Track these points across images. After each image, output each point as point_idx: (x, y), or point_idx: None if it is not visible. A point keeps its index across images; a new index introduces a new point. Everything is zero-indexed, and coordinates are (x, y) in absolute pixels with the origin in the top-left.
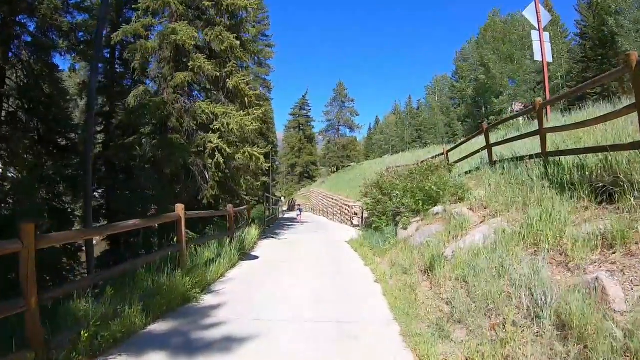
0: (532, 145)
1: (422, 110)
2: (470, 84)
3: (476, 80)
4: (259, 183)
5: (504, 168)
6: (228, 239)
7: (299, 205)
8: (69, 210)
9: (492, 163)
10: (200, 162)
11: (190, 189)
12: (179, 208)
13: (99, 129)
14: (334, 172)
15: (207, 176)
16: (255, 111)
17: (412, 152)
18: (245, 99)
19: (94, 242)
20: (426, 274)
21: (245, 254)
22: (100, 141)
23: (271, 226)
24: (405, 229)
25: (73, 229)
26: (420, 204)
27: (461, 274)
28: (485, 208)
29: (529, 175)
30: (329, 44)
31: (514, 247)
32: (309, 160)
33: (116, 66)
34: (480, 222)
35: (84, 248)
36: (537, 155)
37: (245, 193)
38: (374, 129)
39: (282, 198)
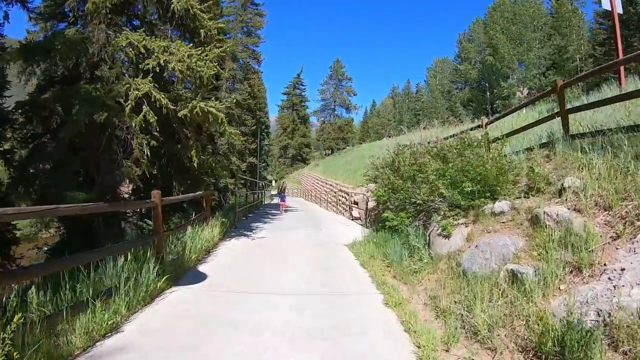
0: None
1: (421, 94)
2: (475, 67)
3: (482, 62)
4: (245, 164)
5: (609, 144)
6: (152, 251)
7: (284, 189)
8: None
9: (571, 137)
10: (125, 122)
11: (112, 166)
12: None
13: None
14: (329, 154)
15: (133, 144)
16: (215, 49)
17: (428, 129)
18: (202, 31)
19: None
20: None
21: (183, 272)
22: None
23: (249, 216)
24: (447, 236)
25: None
26: (471, 197)
27: None
28: (605, 210)
29: None
30: (326, 25)
31: None
32: (302, 142)
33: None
34: (616, 238)
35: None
36: None
37: (219, 173)
38: (370, 113)
39: (273, 182)
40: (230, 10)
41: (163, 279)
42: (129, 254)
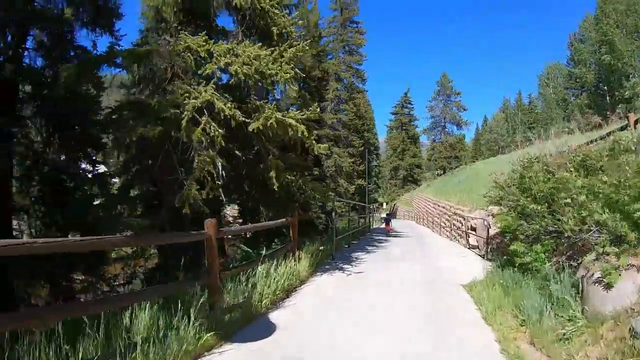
0: None
1: (534, 105)
2: (590, 69)
3: (598, 63)
4: (353, 186)
5: None
6: (203, 296)
7: (388, 212)
8: None
9: None
10: (182, 136)
11: (173, 187)
12: None
13: None
14: (441, 174)
15: (194, 163)
16: (290, 48)
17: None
18: (274, 29)
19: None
20: None
21: (248, 321)
22: None
23: (353, 243)
24: (609, 286)
25: None
26: None
27: None
28: None
29: None
30: (431, 44)
31: None
32: (412, 162)
33: None
34: None
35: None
36: None
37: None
38: (482, 129)
39: (384, 204)
40: (331, 31)
41: (208, 334)
42: (157, 300)
